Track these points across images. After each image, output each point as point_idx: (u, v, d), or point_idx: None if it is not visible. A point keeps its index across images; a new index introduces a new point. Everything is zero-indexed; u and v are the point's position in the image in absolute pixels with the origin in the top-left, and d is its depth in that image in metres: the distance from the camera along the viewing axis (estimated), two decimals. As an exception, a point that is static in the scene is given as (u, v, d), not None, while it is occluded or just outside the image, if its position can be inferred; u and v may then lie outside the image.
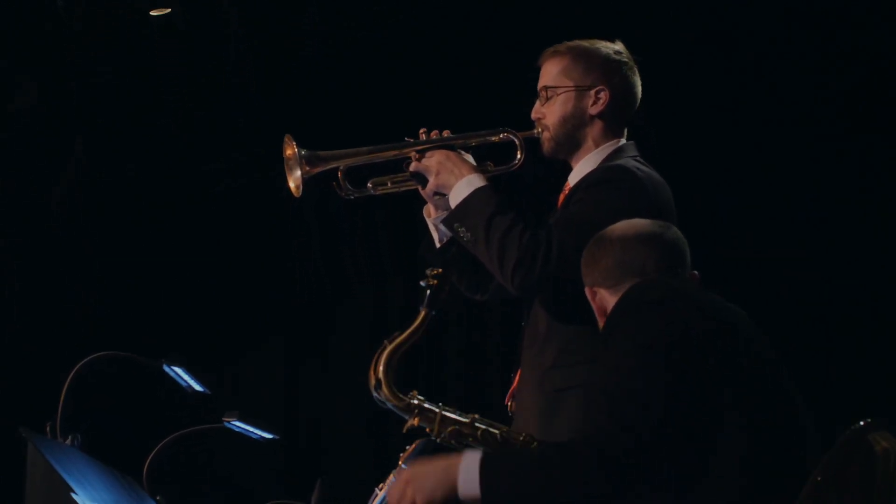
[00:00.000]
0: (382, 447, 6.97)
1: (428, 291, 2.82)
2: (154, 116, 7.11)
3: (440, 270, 2.84)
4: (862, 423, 2.39)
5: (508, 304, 3.65)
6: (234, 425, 5.30)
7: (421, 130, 3.45)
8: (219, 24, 6.61)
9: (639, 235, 2.82)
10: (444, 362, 6.81)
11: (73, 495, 3.47)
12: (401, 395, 2.78)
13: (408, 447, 2.84)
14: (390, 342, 2.81)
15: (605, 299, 2.81)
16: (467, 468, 2.53)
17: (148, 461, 5.21)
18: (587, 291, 2.86)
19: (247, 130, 6.90)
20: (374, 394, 2.79)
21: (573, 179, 3.42)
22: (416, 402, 2.77)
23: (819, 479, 2.32)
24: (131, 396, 6.96)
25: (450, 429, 2.75)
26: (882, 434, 2.41)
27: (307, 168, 3.42)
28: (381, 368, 2.78)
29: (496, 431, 2.77)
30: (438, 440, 2.77)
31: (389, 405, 2.78)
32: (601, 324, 2.83)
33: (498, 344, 6.81)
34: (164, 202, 7.31)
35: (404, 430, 2.80)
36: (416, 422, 2.76)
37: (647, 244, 2.81)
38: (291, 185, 3.45)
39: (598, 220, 3.16)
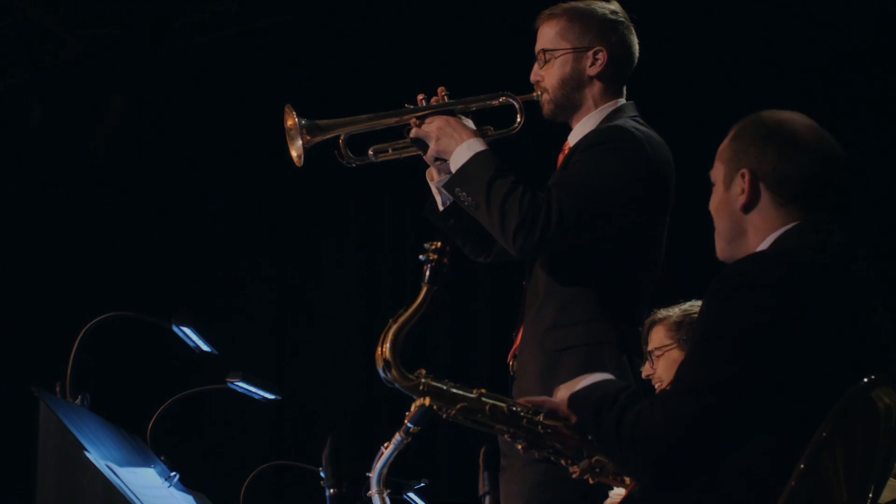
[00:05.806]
0: (377, 406, 7.03)
1: (428, 266, 2.73)
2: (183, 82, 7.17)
3: (439, 244, 2.74)
4: (865, 379, 2.36)
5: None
6: (238, 386, 5.34)
7: (420, 96, 3.47)
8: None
9: (834, 160, 2.51)
10: (432, 322, 6.82)
11: (87, 453, 3.52)
12: (409, 376, 2.71)
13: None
14: (395, 320, 2.73)
15: (762, 206, 2.53)
16: None
17: (152, 421, 5.27)
18: (740, 174, 2.55)
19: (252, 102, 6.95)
20: (383, 375, 2.72)
21: (573, 139, 3.45)
22: (423, 381, 2.71)
23: (824, 434, 2.31)
24: (136, 356, 7.02)
25: (459, 405, 2.70)
26: (885, 390, 2.40)
27: (308, 137, 3.44)
28: (387, 348, 2.71)
29: (503, 405, 2.72)
30: (448, 418, 2.72)
31: (397, 385, 2.72)
32: (716, 206, 2.59)
33: (489, 301, 6.85)
34: (175, 172, 7.36)
35: (413, 409, 2.72)
36: (426, 402, 2.69)
37: (835, 173, 2.51)
38: (293, 154, 3.47)
39: (595, 183, 3.23)
